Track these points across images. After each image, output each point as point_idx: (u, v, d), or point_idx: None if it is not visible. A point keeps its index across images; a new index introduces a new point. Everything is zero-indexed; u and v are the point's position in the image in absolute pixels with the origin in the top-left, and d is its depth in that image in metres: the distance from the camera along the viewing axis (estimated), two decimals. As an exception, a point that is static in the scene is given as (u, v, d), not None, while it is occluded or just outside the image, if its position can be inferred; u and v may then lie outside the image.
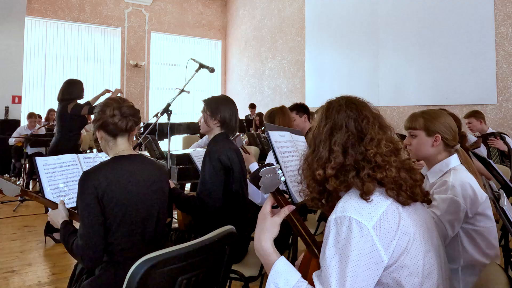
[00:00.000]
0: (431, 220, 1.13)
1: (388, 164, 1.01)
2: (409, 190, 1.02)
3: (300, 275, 1.00)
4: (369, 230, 0.93)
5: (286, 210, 1.08)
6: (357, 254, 0.92)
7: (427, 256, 0.99)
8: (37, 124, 6.78)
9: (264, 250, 1.05)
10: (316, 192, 1.10)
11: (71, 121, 3.75)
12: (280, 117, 3.08)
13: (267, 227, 1.06)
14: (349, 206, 0.97)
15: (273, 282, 0.99)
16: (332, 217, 0.99)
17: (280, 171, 1.09)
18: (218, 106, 2.13)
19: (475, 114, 4.40)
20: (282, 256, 1.03)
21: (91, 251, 1.43)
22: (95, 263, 1.46)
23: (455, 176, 1.54)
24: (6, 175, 1.70)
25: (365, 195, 0.97)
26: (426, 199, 1.09)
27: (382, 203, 0.98)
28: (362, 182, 0.99)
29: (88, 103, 3.84)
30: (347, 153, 1.04)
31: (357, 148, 1.04)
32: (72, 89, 3.80)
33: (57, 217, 1.64)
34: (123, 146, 1.62)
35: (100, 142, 1.65)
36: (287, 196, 1.14)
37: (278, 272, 1.00)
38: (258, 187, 1.07)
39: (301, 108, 3.37)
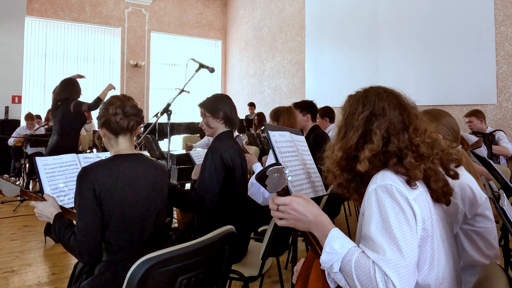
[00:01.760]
0: (449, 223, 1.16)
1: (432, 156, 1.04)
2: (445, 188, 1.07)
3: (355, 244, 1.01)
4: (410, 200, 0.97)
5: None
6: (402, 218, 0.94)
7: (448, 253, 1.02)
8: (36, 125, 6.78)
9: (319, 218, 1.03)
10: (343, 179, 1.12)
11: (73, 120, 3.75)
12: (285, 117, 3.07)
13: (309, 201, 1.06)
14: (388, 177, 1.01)
15: (328, 245, 0.99)
16: (372, 187, 1.01)
17: (287, 171, 1.09)
18: (216, 104, 2.13)
19: (476, 113, 4.41)
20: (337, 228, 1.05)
21: (89, 246, 1.43)
22: (93, 258, 1.46)
23: None
24: (6, 175, 1.69)
25: (412, 182, 1.00)
26: (447, 198, 1.12)
27: (416, 189, 1.01)
28: (406, 169, 1.02)
29: (95, 100, 3.87)
30: (390, 140, 1.06)
31: (401, 136, 1.06)
32: (69, 88, 3.79)
33: (48, 208, 1.59)
34: (124, 144, 1.63)
35: (103, 139, 1.66)
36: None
37: (333, 236, 0.99)
38: (265, 186, 1.07)
39: (306, 107, 3.34)
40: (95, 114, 9.32)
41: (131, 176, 1.55)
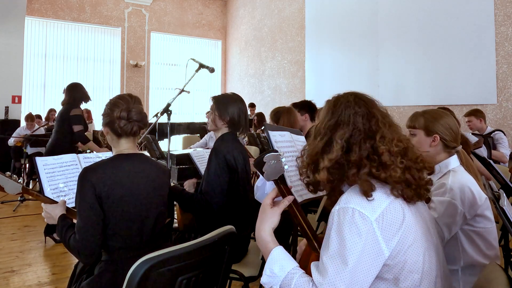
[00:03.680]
0: (431, 219, 1.14)
1: (393, 164, 1.01)
2: (417, 190, 1.03)
3: (297, 264, 1.01)
4: (372, 222, 0.94)
5: (286, 201, 1.09)
6: (359, 245, 0.93)
7: (427, 254, 1.00)
8: (36, 125, 6.78)
9: (262, 239, 1.06)
10: (307, 183, 1.14)
11: (69, 123, 3.75)
12: (285, 117, 3.07)
13: (267, 217, 1.08)
14: (352, 198, 0.99)
15: (269, 268, 1.00)
16: (335, 208, 1.00)
17: (283, 159, 1.10)
18: (227, 106, 2.11)
19: (476, 113, 4.41)
20: (280, 246, 1.04)
21: (88, 245, 1.44)
22: (92, 257, 1.47)
23: (454, 178, 1.53)
24: (8, 172, 1.70)
25: (366, 194, 0.98)
26: (427, 196, 1.10)
27: (385, 199, 0.99)
28: (361, 181, 1.00)
29: (84, 128, 3.88)
30: (351, 149, 1.04)
31: (363, 145, 1.04)
32: (76, 94, 3.82)
33: (55, 210, 1.64)
34: (126, 145, 1.64)
35: (106, 136, 1.67)
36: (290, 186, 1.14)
37: (274, 258, 1.01)
38: (262, 173, 1.08)
39: (304, 107, 3.35)
40: (95, 113, 9.27)
41: (131, 175, 1.55)
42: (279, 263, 0.99)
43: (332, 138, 1.06)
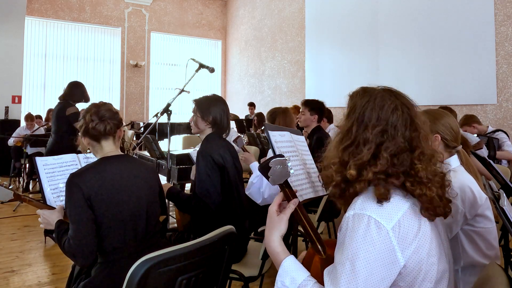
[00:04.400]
0: (442, 225, 1.13)
1: (431, 182, 0.97)
2: (445, 208, 1.01)
3: (309, 273, 0.99)
4: (388, 231, 0.92)
5: (291, 206, 1.07)
6: (373, 254, 0.90)
7: (440, 263, 0.98)
8: (35, 125, 6.77)
9: (272, 250, 1.04)
10: (337, 187, 1.05)
11: (67, 122, 3.75)
12: (281, 118, 3.10)
13: (274, 226, 1.06)
14: (369, 204, 0.96)
15: (280, 280, 0.99)
16: (350, 213, 0.97)
17: (289, 164, 1.08)
18: (209, 107, 2.13)
19: (466, 122, 4.32)
20: (291, 255, 1.02)
21: (82, 250, 1.45)
22: (88, 261, 1.48)
23: (454, 178, 1.53)
24: None
25: (379, 200, 0.95)
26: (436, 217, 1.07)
27: (402, 205, 0.96)
28: (380, 187, 0.96)
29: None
30: (392, 162, 0.98)
31: (403, 160, 0.98)
32: (75, 91, 3.83)
33: (52, 216, 1.66)
34: (108, 148, 1.66)
35: (89, 148, 1.69)
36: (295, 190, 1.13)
37: (285, 270, 0.99)
38: (267, 178, 1.07)
39: (316, 108, 3.35)
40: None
41: (118, 177, 1.57)
42: (290, 275, 0.98)
43: (379, 148, 0.99)
